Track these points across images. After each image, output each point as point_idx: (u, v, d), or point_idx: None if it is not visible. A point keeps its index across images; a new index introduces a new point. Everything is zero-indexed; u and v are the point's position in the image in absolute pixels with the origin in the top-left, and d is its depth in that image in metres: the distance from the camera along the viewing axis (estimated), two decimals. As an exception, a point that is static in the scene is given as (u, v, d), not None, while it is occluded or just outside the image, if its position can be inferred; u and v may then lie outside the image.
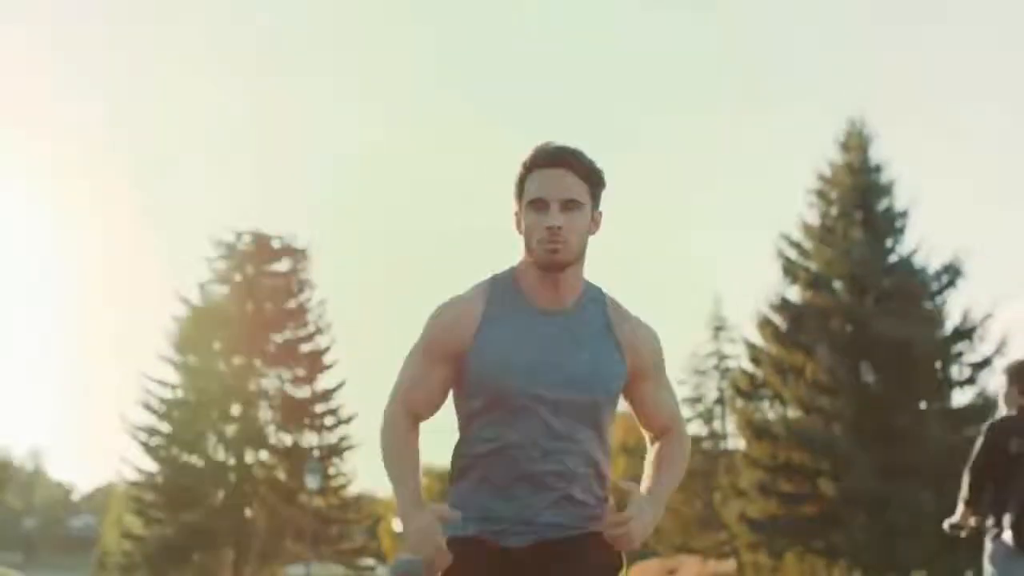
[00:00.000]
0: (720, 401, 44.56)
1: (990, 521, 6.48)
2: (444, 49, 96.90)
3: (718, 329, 45.71)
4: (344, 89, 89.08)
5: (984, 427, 6.61)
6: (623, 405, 3.20)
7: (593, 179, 3.07)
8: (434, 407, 3.16)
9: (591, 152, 3.13)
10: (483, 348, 3.03)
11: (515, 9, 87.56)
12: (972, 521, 6.58)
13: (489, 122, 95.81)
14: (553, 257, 3.00)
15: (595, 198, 3.09)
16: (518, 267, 3.13)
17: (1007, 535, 6.32)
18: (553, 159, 3.04)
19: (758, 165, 78.70)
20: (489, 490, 3.06)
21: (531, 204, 3.03)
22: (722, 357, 45.33)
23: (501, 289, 3.11)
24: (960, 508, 6.61)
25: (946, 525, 6.71)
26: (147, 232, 79.88)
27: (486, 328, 3.05)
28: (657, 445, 3.27)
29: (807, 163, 37.09)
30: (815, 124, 74.16)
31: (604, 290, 3.18)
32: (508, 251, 3.19)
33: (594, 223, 3.10)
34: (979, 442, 6.55)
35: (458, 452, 3.15)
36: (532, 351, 3.03)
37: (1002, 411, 6.65)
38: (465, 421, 3.11)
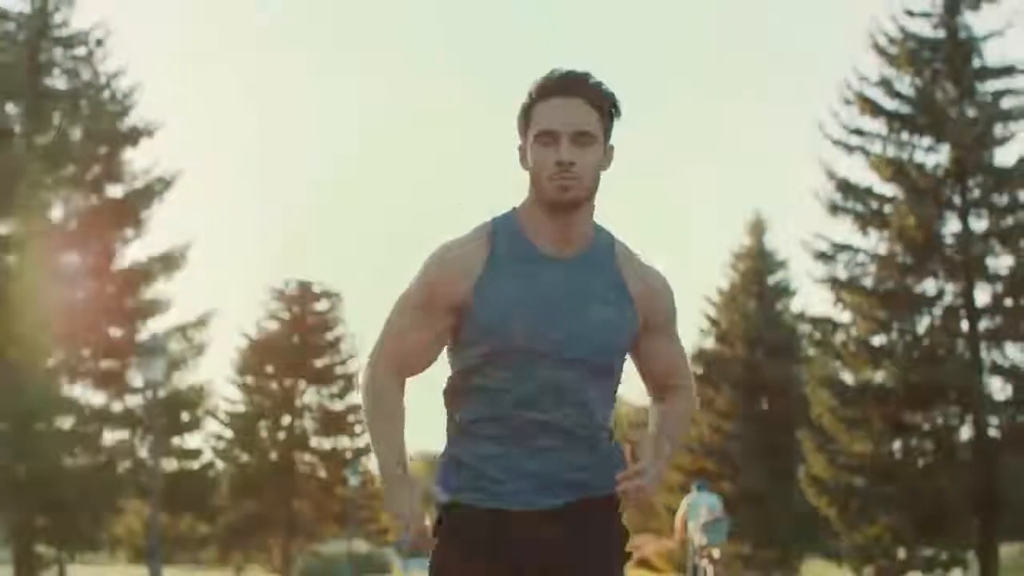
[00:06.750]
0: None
1: None
2: (448, 55, 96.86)
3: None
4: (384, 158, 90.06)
5: None
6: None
7: (607, 109, 2.73)
8: (426, 362, 2.80)
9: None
10: (485, 299, 2.69)
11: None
12: None
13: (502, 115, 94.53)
14: (564, 195, 2.65)
15: (607, 130, 2.74)
16: (521, 209, 2.76)
17: None
18: (564, 87, 2.68)
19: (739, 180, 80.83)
20: (488, 449, 2.72)
21: (539, 137, 2.67)
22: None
23: (505, 233, 2.74)
24: None
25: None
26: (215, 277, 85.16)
27: (489, 277, 2.70)
28: (666, 400, 2.93)
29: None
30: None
31: (614, 234, 2.82)
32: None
33: (607, 158, 2.74)
34: None
35: (455, 408, 2.80)
36: (537, 303, 2.68)
37: None
38: (462, 376, 2.78)
